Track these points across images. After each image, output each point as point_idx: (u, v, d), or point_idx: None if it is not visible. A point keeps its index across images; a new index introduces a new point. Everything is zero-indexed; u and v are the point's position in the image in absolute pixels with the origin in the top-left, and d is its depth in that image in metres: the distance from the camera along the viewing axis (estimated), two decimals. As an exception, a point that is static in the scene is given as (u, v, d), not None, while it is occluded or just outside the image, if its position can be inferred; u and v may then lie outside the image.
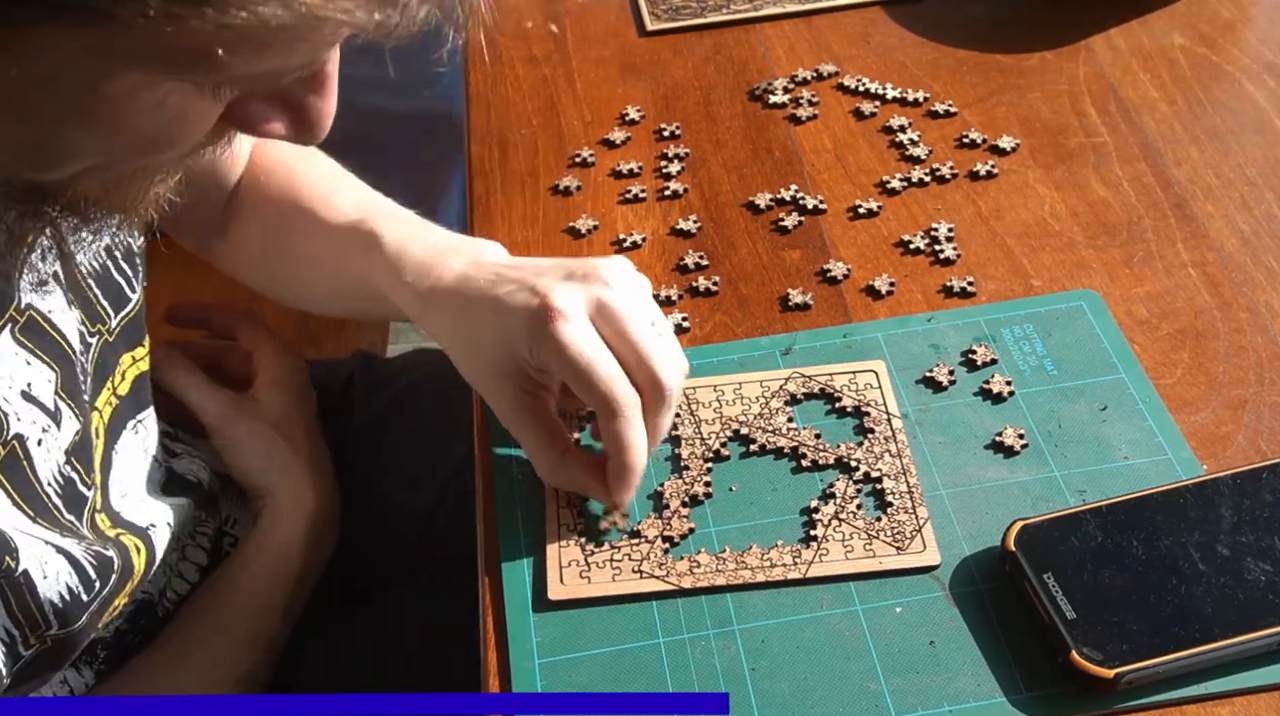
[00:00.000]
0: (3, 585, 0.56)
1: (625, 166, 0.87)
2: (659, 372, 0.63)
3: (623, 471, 0.64)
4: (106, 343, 0.67)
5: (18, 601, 0.57)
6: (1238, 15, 0.94)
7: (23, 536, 0.57)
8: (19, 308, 0.59)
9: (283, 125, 0.49)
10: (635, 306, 0.64)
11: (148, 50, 0.41)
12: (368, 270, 0.74)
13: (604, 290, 0.64)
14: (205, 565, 0.78)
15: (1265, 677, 0.57)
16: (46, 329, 0.61)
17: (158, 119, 0.44)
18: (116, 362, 0.68)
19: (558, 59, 0.98)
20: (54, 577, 0.59)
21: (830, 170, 0.86)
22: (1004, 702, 0.57)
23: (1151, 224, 0.79)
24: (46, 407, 0.60)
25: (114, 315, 0.68)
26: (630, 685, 0.60)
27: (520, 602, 0.63)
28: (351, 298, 0.79)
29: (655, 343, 0.64)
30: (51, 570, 0.58)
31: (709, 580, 0.63)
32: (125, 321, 0.69)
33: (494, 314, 0.65)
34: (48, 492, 0.60)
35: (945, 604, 0.61)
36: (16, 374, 0.58)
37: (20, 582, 0.57)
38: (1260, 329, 0.72)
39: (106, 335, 0.67)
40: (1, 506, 0.57)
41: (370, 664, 0.84)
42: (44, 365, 0.60)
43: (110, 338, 0.67)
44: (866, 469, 0.67)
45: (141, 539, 0.67)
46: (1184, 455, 0.66)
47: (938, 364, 0.72)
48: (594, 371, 0.62)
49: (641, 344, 0.63)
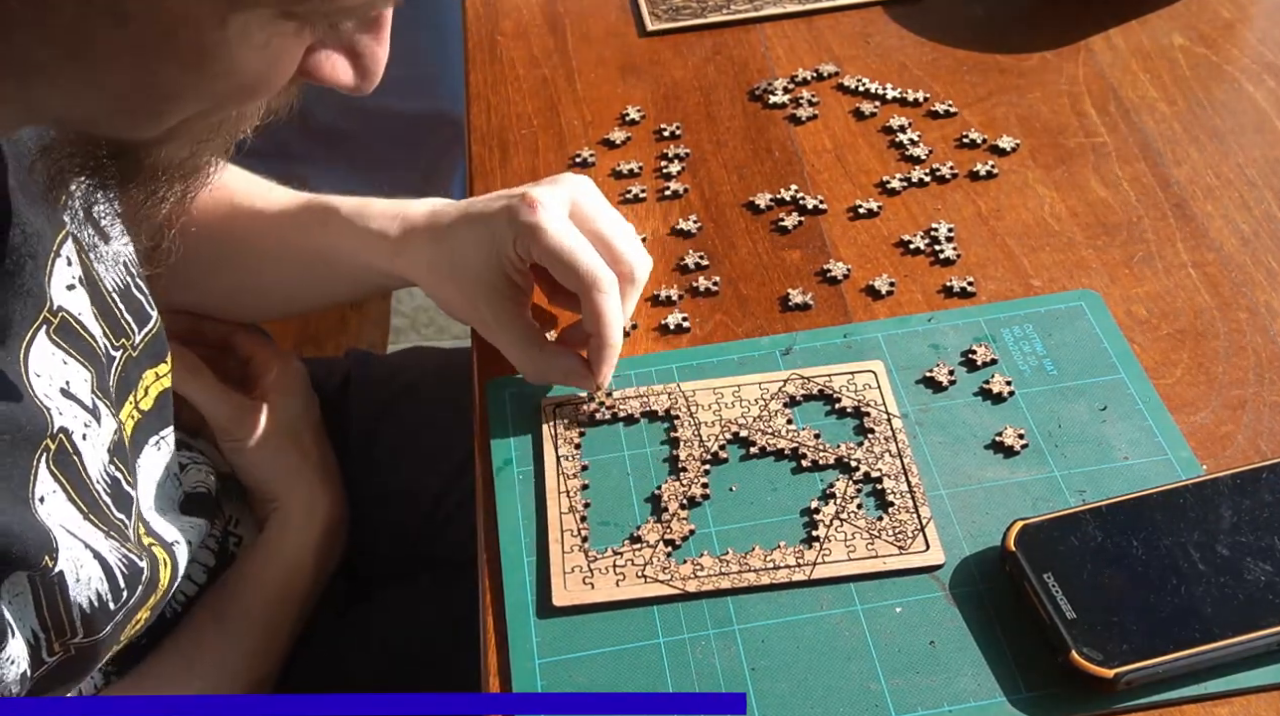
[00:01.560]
0: (37, 584, 0.56)
1: (625, 166, 0.88)
2: (628, 255, 0.71)
3: (603, 346, 0.69)
4: (130, 357, 0.67)
5: (49, 602, 0.57)
6: (1238, 15, 0.94)
7: (66, 536, 0.57)
8: (52, 309, 0.60)
9: (348, 70, 0.52)
10: (605, 204, 0.72)
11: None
12: (329, 239, 0.76)
13: (575, 189, 0.71)
14: (212, 566, 0.77)
15: (1265, 677, 0.57)
16: (79, 330, 0.61)
17: (262, 59, 0.47)
18: (139, 378, 0.68)
19: (558, 59, 0.98)
20: (86, 582, 0.59)
21: (830, 170, 0.86)
22: (1004, 702, 0.57)
23: (1151, 224, 0.79)
24: (86, 405, 0.61)
25: (138, 331, 0.68)
26: (630, 685, 0.60)
27: (521, 603, 0.63)
28: (317, 279, 0.80)
29: (625, 230, 0.72)
30: (85, 574, 0.58)
31: (713, 583, 0.63)
32: (149, 337, 0.69)
33: (474, 223, 0.71)
34: (98, 490, 0.61)
35: (945, 604, 0.61)
36: (55, 372, 0.59)
37: (54, 583, 0.57)
38: (1260, 329, 0.72)
39: (130, 350, 0.67)
40: (56, 502, 0.57)
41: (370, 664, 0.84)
42: (79, 365, 0.61)
43: (134, 353, 0.67)
44: (866, 469, 0.67)
45: (168, 553, 0.67)
46: (1184, 455, 0.66)
47: (938, 364, 0.72)
48: (577, 252, 0.68)
49: (613, 231, 0.71)
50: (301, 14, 0.46)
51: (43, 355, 0.58)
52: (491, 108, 0.95)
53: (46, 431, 0.57)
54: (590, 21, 1.01)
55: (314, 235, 0.77)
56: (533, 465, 0.69)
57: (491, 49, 1.00)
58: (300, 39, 0.48)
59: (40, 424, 0.56)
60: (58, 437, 0.58)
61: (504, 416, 0.72)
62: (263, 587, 0.77)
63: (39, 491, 0.56)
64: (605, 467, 0.69)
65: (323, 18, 0.48)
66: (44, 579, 0.56)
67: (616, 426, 0.71)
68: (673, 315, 0.76)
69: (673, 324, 0.76)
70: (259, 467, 0.80)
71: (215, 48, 0.45)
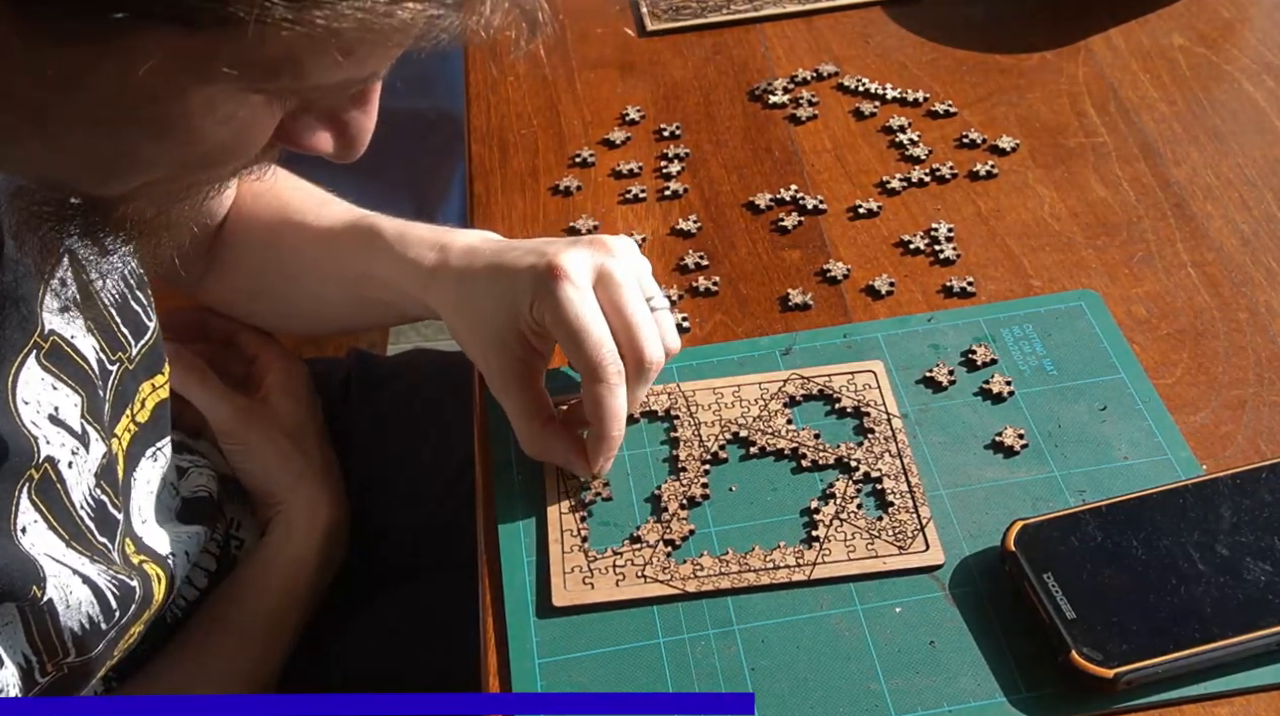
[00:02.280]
0: (26, 612, 0.56)
1: (625, 166, 0.88)
2: (644, 345, 0.66)
3: (601, 438, 0.66)
4: (127, 371, 0.66)
5: (39, 628, 0.57)
6: (1237, 15, 0.94)
7: (52, 563, 0.57)
8: (43, 333, 0.59)
9: (328, 139, 0.51)
10: (634, 279, 0.67)
11: (243, 57, 0.42)
12: (369, 261, 0.75)
13: (608, 258, 0.66)
14: (214, 570, 0.77)
15: (1265, 677, 0.57)
16: (70, 354, 0.61)
17: (228, 131, 0.46)
18: (136, 390, 0.68)
19: (558, 59, 0.98)
20: (76, 607, 0.58)
21: (830, 170, 0.86)
22: (1004, 702, 0.57)
23: (1151, 224, 0.79)
24: (74, 431, 0.60)
25: (134, 343, 0.67)
26: (630, 685, 0.60)
27: (521, 603, 0.63)
28: (351, 300, 0.79)
29: (646, 316, 0.66)
30: (75, 599, 0.58)
31: (713, 583, 0.63)
32: (145, 349, 0.69)
33: (499, 276, 0.68)
34: (81, 516, 0.60)
35: (945, 604, 0.61)
36: (44, 398, 0.58)
37: (44, 611, 0.57)
38: (1260, 329, 0.72)
39: (127, 363, 0.66)
40: (38, 531, 0.57)
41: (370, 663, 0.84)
42: (70, 389, 0.60)
43: (131, 366, 0.67)
44: (866, 469, 0.67)
45: (162, 567, 0.67)
46: (1183, 455, 0.66)
47: (938, 364, 0.72)
48: (587, 334, 0.64)
49: (633, 315, 0.66)
50: (272, 90, 0.45)
51: (31, 381, 0.58)
52: (491, 107, 0.95)
53: (32, 461, 0.56)
54: (590, 21, 1.01)
55: (356, 256, 0.75)
56: (533, 465, 0.69)
57: (491, 48, 1.00)
58: (271, 111, 0.47)
59: (26, 454, 0.56)
60: (42, 467, 0.57)
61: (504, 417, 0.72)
62: (266, 592, 0.77)
63: (20, 522, 0.56)
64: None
65: (293, 95, 0.46)
66: (34, 607, 0.56)
67: (616, 426, 0.71)
68: (673, 315, 0.76)
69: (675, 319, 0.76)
70: (262, 470, 0.80)
71: (178, 119, 0.44)
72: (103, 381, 0.64)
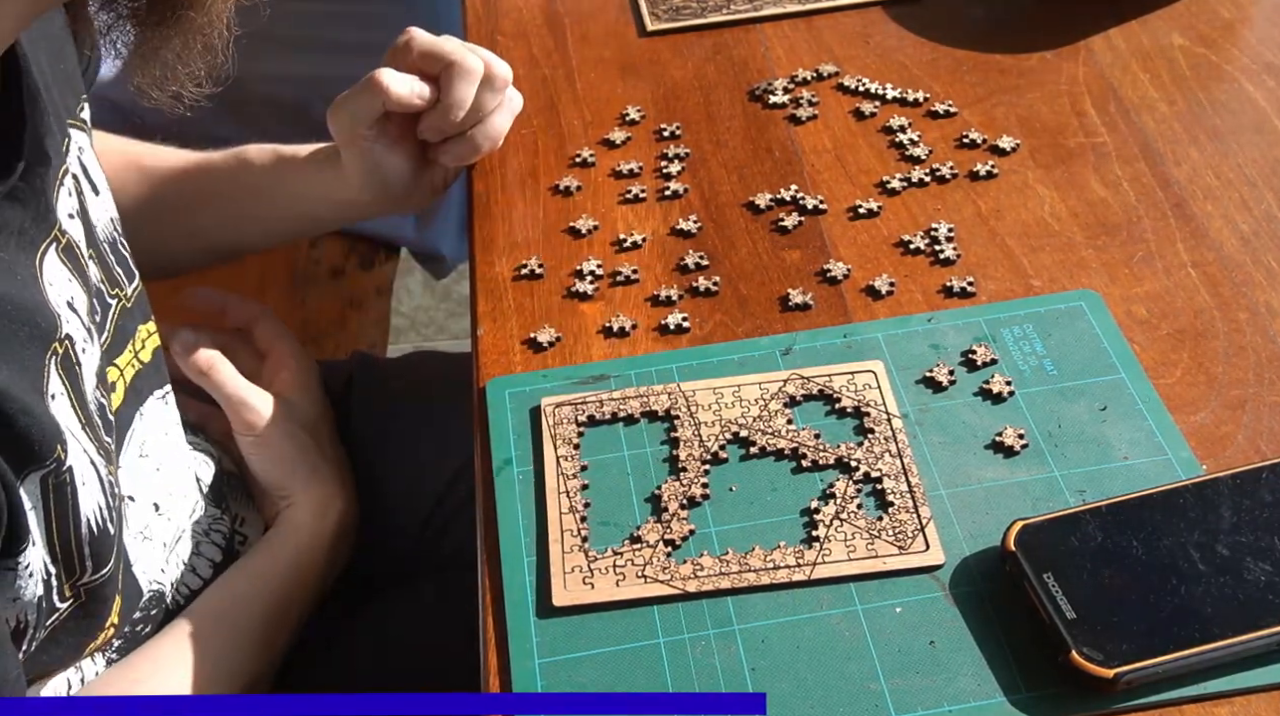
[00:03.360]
0: (49, 490, 0.56)
1: (625, 166, 0.88)
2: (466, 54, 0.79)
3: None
4: (125, 308, 0.69)
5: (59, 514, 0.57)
6: (1237, 15, 0.94)
7: (71, 440, 0.58)
8: (61, 229, 0.62)
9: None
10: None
11: None
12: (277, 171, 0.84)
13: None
14: (219, 561, 0.78)
15: (1265, 677, 0.57)
16: (79, 256, 0.64)
17: None
18: (135, 330, 0.70)
19: (558, 59, 0.98)
20: (93, 487, 0.59)
21: (830, 170, 0.86)
22: (1004, 702, 0.57)
23: (1151, 224, 0.79)
24: (84, 324, 0.63)
25: (128, 283, 0.70)
26: (630, 685, 0.60)
27: (521, 604, 0.63)
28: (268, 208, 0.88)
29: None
30: (90, 477, 0.59)
31: (713, 583, 0.63)
32: (136, 293, 0.71)
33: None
34: (90, 408, 0.62)
35: (945, 604, 0.61)
36: (62, 287, 0.61)
37: (65, 486, 0.57)
38: (1260, 329, 0.72)
39: (125, 301, 0.69)
40: (62, 404, 0.59)
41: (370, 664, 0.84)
42: (79, 287, 0.63)
43: (128, 304, 0.69)
44: (866, 469, 0.67)
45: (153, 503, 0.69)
46: (1184, 455, 0.66)
47: (938, 364, 0.72)
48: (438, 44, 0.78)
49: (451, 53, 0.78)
50: None
51: (53, 267, 0.61)
52: (491, 108, 0.95)
53: (56, 334, 0.59)
54: (590, 21, 1.01)
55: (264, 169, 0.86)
56: (532, 465, 0.69)
57: (491, 49, 1.00)
58: None
59: (52, 325, 0.58)
60: (64, 343, 0.59)
61: (504, 416, 0.72)
62: (268, 584, 0.77)
63: (50, 389, 0.58)
64: (605, 467, 0.69)
65: None
66: (56, 479, 0.57)
67: (616, 426, 0.71)
68: (673, 315, 0.76)
69: (673, 324, 0.76)
70: (279, 464, 0.80)
71: None
72: (102, 312, 0.66)
